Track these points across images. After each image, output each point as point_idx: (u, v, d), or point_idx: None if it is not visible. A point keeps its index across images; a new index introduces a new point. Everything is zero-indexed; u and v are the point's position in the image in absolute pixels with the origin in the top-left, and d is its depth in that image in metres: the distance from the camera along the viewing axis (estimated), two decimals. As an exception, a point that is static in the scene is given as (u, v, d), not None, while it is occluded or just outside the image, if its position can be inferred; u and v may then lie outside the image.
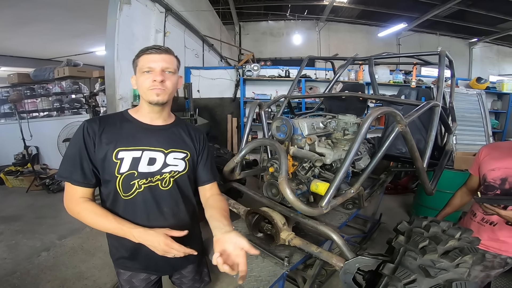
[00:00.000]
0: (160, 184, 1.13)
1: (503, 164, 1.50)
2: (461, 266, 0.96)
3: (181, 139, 1.21)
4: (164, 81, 1.05)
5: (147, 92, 1.06)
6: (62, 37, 7.21)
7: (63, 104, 5.49)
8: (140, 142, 1.10)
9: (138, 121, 1.14)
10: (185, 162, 1.18)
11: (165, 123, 1.19)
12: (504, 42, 10.25)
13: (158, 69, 1.04)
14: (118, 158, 1.05)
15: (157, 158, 1.11)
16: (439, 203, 2.68)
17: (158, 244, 0.99)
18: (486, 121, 5.35)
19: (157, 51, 1.06)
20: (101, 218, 1.04)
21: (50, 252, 2.66)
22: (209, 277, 1.57)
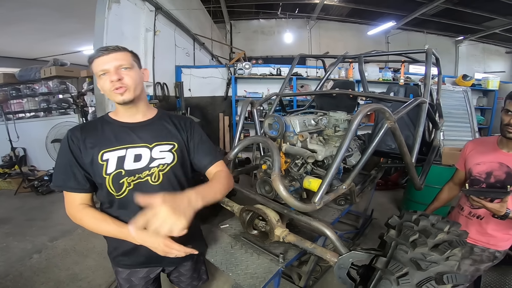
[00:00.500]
0: (150, 179, 1.13)
1: (488, 158, 1.54)
2: (451, 259, 0.99)
3: (165, 131, 1.20)
4: (121, 79, 1.04)
5: (111, 94, 1.06)
6: (48, 37, 7.06)
7: (50, 105, 5.37)
8: (122, 140, 1.11)
9: (118, 121, 1.15)
10: (173, 153, 1.18)
11: (146, 118, 1.19)
12: (489, 40, 10.52)
13: (112, 69, 1.04)
14: (103, 160, 1.07)
15: (142, 154, 1.12)
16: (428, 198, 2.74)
17: (158, 245, 1.01)
18: (472, 117, 5.50)
19: (105, 52, 1.04)
20: (101, 223, 1.07)
21: (42, 254, 2.62)
22: (207, 275, 1.57)
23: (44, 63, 5.93)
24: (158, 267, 1.32)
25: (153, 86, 4.77)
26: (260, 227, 1.50)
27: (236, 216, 1.66)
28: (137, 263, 1.24)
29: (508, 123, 1.39)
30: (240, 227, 1.71)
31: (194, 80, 5.78)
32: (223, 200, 1.78)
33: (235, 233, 1.72)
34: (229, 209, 1.72)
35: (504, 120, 1.42)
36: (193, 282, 1.51)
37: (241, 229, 1.69)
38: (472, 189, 1.48)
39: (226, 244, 1.63)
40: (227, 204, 1.73)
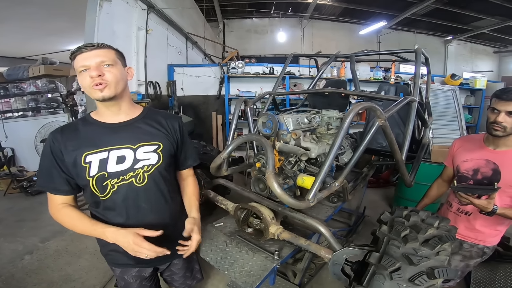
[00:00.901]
0: (134, 180, 1.12)
1: (475, 156, 1.58)
2: (441, 254, 1.02)
3: (150, 131, 1.18)
4: (102, 75, 1.02)
5: (91, 90, 1.03)
6: (36, 36, 6.92)
7: (39, 104, 5.28)
8: (104, 142, 1.09)
9: (100, 122, 1.13)
10: (158, 154, 1.16)
11: (129, 117, 1.16)
12: (477, 40, 10.77)
13: (93, 65, 1.01)
14: (86, 162, 1.06)
15: (126, 155, 1.10)
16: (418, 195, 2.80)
17: (128, 244, 1.02)
18: (460, 116, 5.61)
19: (87, 48, 1.03)
20: (76, 221, 1.08)
21: (34, 255, 2.58)
22: (201, 274, 1.59)
23: (32, 62, 5.82)
24: (149, 267, 1.32)
25: (145, 85, 4.73)
26: (255, 225, 1.52)
27: (231, 214, 1.67)
28: (126, 263, 1.24)
29: (494, 121, 1.43)
30: (235, 225, 1.72)
31: (186, 79, 5.75)
32: (218, 198, 1.79)
33: (230, 231, 1.72)
34: (223, 207, 1.73)
35: (490, 118, 1.46)
36: (186, 281, 1.52)
37: (236, 227, 1.70)
38: (460, 186, 1.52)
39: (221, 242, 1.63)
40: (222, 202, 1.74)
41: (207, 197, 1.86)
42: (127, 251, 1.04)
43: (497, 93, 1.44)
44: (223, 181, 1.81)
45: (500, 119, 1.40)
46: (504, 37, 9.79)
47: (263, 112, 1.69)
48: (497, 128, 1.42)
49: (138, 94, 4.05)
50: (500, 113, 1.40)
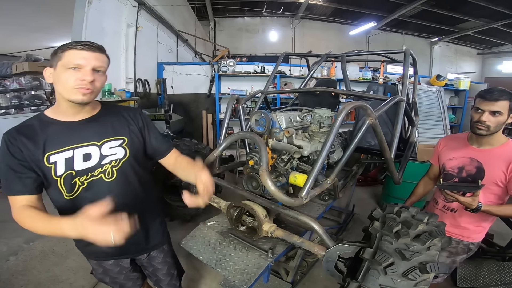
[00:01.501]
0: (103, 176, 1.12)
1: (459, 154, 1.64)
2: (432, 249, 1.05)
3: (113, 127, 1.17)
4: (94, 81, 0.99)
5: (71, 90, 0.98)
6: (20, 32, 6.72)
7: (22, 101, 5.10)
8: (67, 141, 1.06)
9: (59, 121, 1.08)
10: (124, 148, 1.16)
11: (90, 114, 1.13)
12: (461, 41, 11.11)
13: (89, 68, 0.97)
14: (50, 163, 1.03)
15: (91, 152, 1.09)
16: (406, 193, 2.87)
17: (88, 234, 0.85)
18: (445, 116, 5.78)
19: (89, 48, 0.98)
20: (37, 222, 0.97)
21: (19, 256, 2.51)
22: (182, 269, 1.62)
23: (16, 59, 5.64)
24: (125, 258, 1.33)
25: (134, 83, 4.65)
26: (248, 223, 1.52)
27: (223, 212, 1.67)
28: (103, 256, 1.26)
29: (477, 120, 1.48)
30: (228, 224, 1.72)
31: (176, 77, 5.69)
32: (210, 197, 1.79)
33: (223, 229, 1.72)
34: (215, 205, 1.72)
35: (474, 118, 1.51)
36: (172, 281, 1.52)
37: (229, 226, 1.70)
38: (446, 184, 1.56)
39: (214, 241, 1.63)
40: (214, 201, 1.74)
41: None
42: (93, 241, 0.85)
43: (481, 93, 1.48)
44: (216, 179, 1.80)
45: (484, 118, 1.45)
46: (487, 39, 10.14)
47: (256, 110, 1.70)
48: (481, 127, 1.47)
49: (127, 92, 3.98)
50: (484, 112, 1.45)
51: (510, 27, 8.36)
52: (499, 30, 8.81)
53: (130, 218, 0.89)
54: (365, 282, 1.03)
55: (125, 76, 4.39)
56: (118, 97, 3.70)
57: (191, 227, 2.17)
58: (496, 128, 1.46)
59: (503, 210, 1.49)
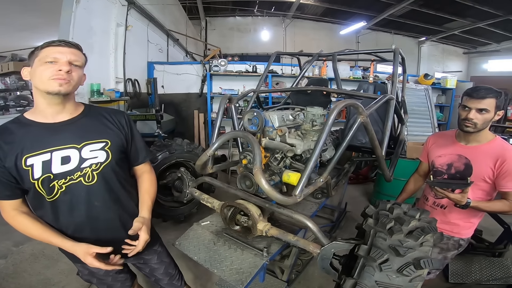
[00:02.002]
0: (83, 180, 1.10)
1: (448, 151, 1.68)
2: (425, 244, 1.06)
3: (95, 129, 1.15)
4: (70, 72, 1.02)
5: (47, 82, 0.99)
6: (6, 31, 6.52)
7: (8, 102, 4.96)
8: (46, 144, 1.04)
9: (38, 123, 1.06)
10: (106, 151, 1.14)
11: (71, 116, 1.12)
12: (448, 41, 11.36)
13: (64, 60, 1.01)
14: (27, 165, 1.01)
15: (70, 155, 1.07)
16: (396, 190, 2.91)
17: (84, 259, 1.07)
18: (432, 114, 5.92)
19: (66, 44, 1.03)
20: (32, 231, 1.07)
21: (8, 260, 2.46)
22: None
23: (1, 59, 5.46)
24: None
25: (123, 82, 4.58)
26: (243, 222, 1.51)
27: (217, 212, 1.66)
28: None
29: (465, 118, 1.52)
30: (221, 224, 1.70)
31: (167, 76, 5.64)
32: (203, 197, 1.77)
33: (217, 229, 1.71)
34: (209, 205, 1.71)
35: (462, 115, 1.55)
36: (173, 282, 1.51)
37: (223, 225, 1.69)
38: (436, 181, 1.60)
39: (208, 241, 1.62)
40: (207, 200, 1.72)
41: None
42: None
43: (468, 92, 1.52)
44: (209, 179, 1.79)
45: (471, 116, 1.48)
46: (473, 39, 10.39)
47: (249, 109, 1.70)
48: (468, 124, 1.51)
49: (116, 91, 3.91)
50: (471, 110, 1.49)
51: (496, 27, 8.60)
52: (485, 30, 9.05)
53: (119, 258, 1.15)
54: (361, 279, 1.04)
55: (114, 75, 4.32)
56: (107, 97, 3.64)
57: (184, 227, 2.15)
58: (483, 125, 1.50)
59: (492, 206, 1.53)
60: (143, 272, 1.48)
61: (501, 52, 10.22)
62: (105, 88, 3.86)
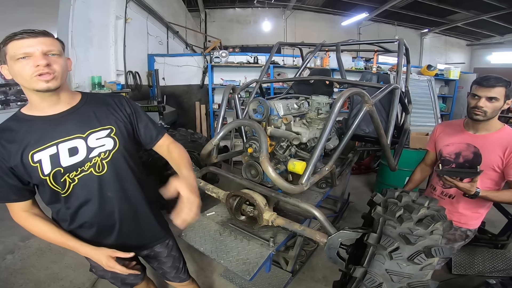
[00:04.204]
0: (93, 170, 1.06)
1: (456, 140, 1.65)
2: (435, 233, 1.05)
3: (97, 116, 1.09)
4: (50, 65, 0.93)
5: (32, 80, 0.91)
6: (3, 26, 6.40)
7: (8, 96, 4.94)
8: (49, 137, 1.00)
9: (37, 117, 1.01)
10: (112, 138, 1.09)
11: (69, 106, 1.06)
12: (451, 32, 11.20)
13: (38, 53, 0.91)
14: (35, 162, 0.97)
15: (77, 146, 1.03)
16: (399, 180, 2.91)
17: (102, 264, 1.07)
18: (435, 105, 5.86)
19: (30, 35, 0.92)
20: (48, 234, 1.06)
21: (16, 255, 2.46)
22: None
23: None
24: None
25: (124, 75, 4.54)
26: (248, 212, 1.51)
27: (222, 202, 1.65)
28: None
29: (474, 106, 1.49)
30: (227, 214, 1.70)
31: (168, 68, 5.59)
32: (208, 187, 1.76)
33: (222, 220, 1.71)
34: (214, 196, 1.70)
35: (471, 104, 1.52)
36: (179, 275, 1.51)
37: (228, 216, 1.68)
38: (445, 170, 1.57)
39: (214, 231, 1.62)
40: (212, 191, 1.72)
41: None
42: (101, 265, 1.08)
43: (478, 80, 1.50)
44: (214, 169, 1.78)
45: (480, 104, 1.46)
46: (476, 31, 10.24)
47: (254, 98, 1.67)
48: (478, 112, 1.49)
49: (118, 84, 3.88)
50: (480, 98, 1.46)
51: (499, 19, 8.45)
52: (488, 22, 8.90)
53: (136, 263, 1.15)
54: (370, 267, 1.02)
55: (115, 68, 4.27)
56: (109, 89, 3.60)
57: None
58: (492, 113, 1.48)
59: (501, 195, 1.51)
60: (151, 265, 1.47)
61: (505, 44, 10.09)
62: (106, 80, 3.82)
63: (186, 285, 1.57)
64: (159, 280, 1.86)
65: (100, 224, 1.13)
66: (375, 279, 0.99)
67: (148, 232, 1.29)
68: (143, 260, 1.47)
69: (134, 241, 1.26)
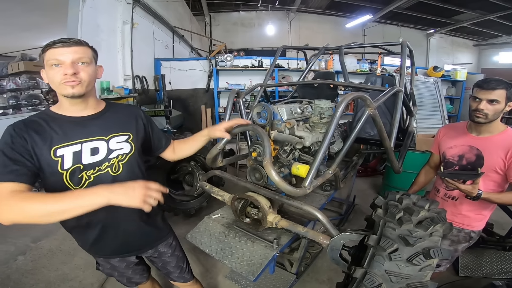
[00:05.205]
0: (110, 170, 1.14)
1: (459, 142, 1.66)
2: (434, 234, 1.06)
3: (118, 123, 1.21)
4: (77, 73, 1.01)
5: (60, 86, 1.02)
6: (11, 31, 6.62)
7: (20, 101, 5.07)
8: (75, 135, 1.08)
9: (66, 116, 1.09)
10: (130, 143, 1.20)
11: (95, 111, 1.16)
12: (457, 33, 11.10)
13: (68, 62, 1.00)
14: (57, 156, 1.03)
15: (99, 147, 1.12)
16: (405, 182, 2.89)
17: (133, 190, 0.90)
18: (442, 106, 5.82)
19: (64, 44, 1.00)
20: (38, 203, 0.85)
21: (27, 256, 2.53)
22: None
23: (10, 59, 5.58)
24: (131, 255, 1.37)
25: (132, 79, 4.64)
26: (253, 214, 1.54)
27: (227, 205, 1.69)
28: (107, 254, 1.30)
29: (476, 109, 1.51)
30: (232, 216, 1.73)
31: (174, 72, 5.68)
32: (213, 190, 1.81)
33: (227, 222, 1.74)
34: (219, 198, 1.74)
35: (472, 106, 1.53)
36: (183, 275, 1.55)
37: (233, 218, 1.72)
38: (447, 172, 1.58)
39: (219, 233, 1.65)
40: (218, 194, 1.76)
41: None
42: (131, 203, 0.89)
43: (479, 83, 1.51)
44: (219, 172, 1.82)
45: (481, 106, 1.47)
46: (483, 31, 10.14)
47: (258, 103, 1.71)
48: (479, 115, 1.50)
49: (125, 88, 3.97)
50: (481, 101, 1.48)
51: (506, 19, 8.37)
52: (495, 22, 8.81)
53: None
54: (370, 268, 1.04)
55: (122, 73, 4.38)
56: (117, 94, 3.69)
57: (194, 221, 2.19)
58: (494, 116, 1.49)
59: (503, 197, 1.51)
60: (156, 266, 1.52)
61: (512, 44, 9.97)
62: (114, 85, 3.92)
63: (190, 285, 1.62)
64: (164, 281, 1.90)
65: (107, 222, 1.19)
66: (374, 279, 1.01)
67: (152, 231, 1.36)
68: (148, 260, 1.52)
69: (139, 240, 1.33)
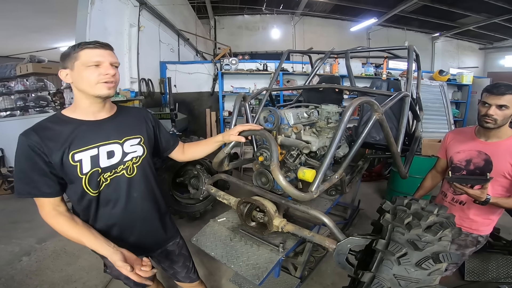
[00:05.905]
0: (125, 172, 1.17)
1: (467, 147, 1.65)
2: (443, 239, 1.06)
3: (130, 126, 1.24)
4: (114, 75, 1.07)
5: (96, 86, 1.03)
6: (21, 33, 6.72)
7: (27, 103, 5.14)
8: (91, 139, 1.09)
9: (80, 120, 1.10)
10: (142, 146, 1.24)
11: (109, 114, 1.18)
12: (463, 36, 11.04)
13: (107, 63, 1.05)
14: (76, 161, 1.05)
15: (114, 150, 1.14)
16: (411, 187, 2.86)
17: (124, 269, 1.00)
18: (448, 111, 5.77)
19: (101, 46, 1.05)
20: (72, 234, 1.06)
21: (32, 257, 2.55)
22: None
23: (18, 61, 5.66)
24: (141, 257, 1.36)
25: (138, 82, 4.68)
26: (259, 218, 1.54)
27: (233, 209, 1.69)
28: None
29: (485, 114, 1.50)
30: (237, 220, 1.74)
31: (179, 76, 5.72)
32: (219, 194, 1.81)
33: (233, 225, 1.75)
34: (225, 202, 1.74)
35: (481, 111, 1.53)
36: (189, 275, 1.56)
37: (239, 222, 1.72)
38: (455, 176, 1.57)
39: (225, 237, 1.65)
40: (223, 197, 1.76)
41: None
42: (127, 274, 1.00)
43: (488, 88, 1.50)
44: (225, 176, 1.83)
45: (491, 112, 1.47)
46: (489, 34, 10.07)
47: (264, 107, 1.72)
48: (488, 120, 1.49)
49: (132, 91, 4.00)
50: (490, 106, 1.47)
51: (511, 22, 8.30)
52: (501, 25, 8.75)
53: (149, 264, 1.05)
54: (378, 272, 1.04)
55: (129, 75, 4.42)
56: (123, 96, 3.72)
57: (199, 224, 2.19)
58: (503, 121, 1.48)
59: (511, 202, 1.50)
60: (162, 266, 1.53)
61: (518, 47, 9.89)
62: (121, 88, 3.95)
63: (196, 285, 1.63)
64: (168, 283, 1.91)
65: (123, 223, 1.21)
66: (382, 283, 1.01)
67: (163, 230, 1.39)
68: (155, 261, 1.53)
69: (151, 240, 1.35)
